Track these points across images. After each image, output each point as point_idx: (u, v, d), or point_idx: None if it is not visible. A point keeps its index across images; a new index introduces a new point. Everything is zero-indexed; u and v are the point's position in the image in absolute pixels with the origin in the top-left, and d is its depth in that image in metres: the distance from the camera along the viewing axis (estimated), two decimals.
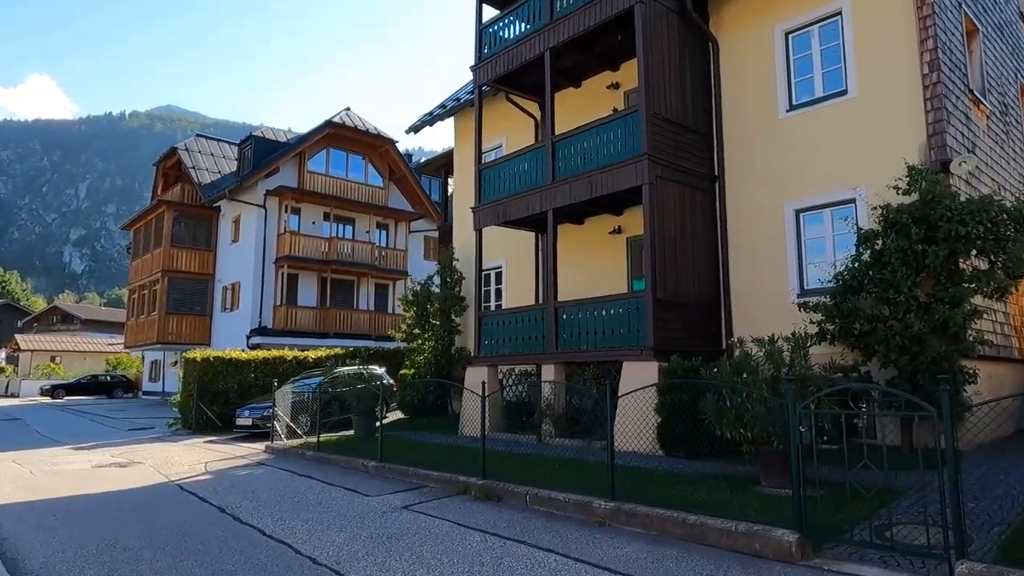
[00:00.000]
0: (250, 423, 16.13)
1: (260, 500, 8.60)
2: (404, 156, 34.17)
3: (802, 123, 11.39)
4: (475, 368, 13.81)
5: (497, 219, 13.88)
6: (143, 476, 10.75)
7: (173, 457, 12.99)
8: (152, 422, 21.08)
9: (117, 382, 39.98)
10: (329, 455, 11.96)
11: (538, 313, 12.80)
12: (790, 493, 7.28)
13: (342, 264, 29.79)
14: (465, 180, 18.33)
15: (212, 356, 18.24)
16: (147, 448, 14.61)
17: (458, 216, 18.48)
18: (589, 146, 12.07)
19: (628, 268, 13.86)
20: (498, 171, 13.98)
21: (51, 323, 76.62)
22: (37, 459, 13.02)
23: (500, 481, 8.58)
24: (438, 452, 11.34)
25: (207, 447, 14.68)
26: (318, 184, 30.35)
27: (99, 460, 12.71)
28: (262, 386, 18.74)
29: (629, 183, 11.27)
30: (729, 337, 11.84)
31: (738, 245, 11.95)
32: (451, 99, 18.58)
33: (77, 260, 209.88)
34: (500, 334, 13.49)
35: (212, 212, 32.28)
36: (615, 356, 11.26)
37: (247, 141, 31.30)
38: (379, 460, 10.74)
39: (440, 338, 17.11)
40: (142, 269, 33.31)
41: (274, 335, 27.88)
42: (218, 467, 11.67)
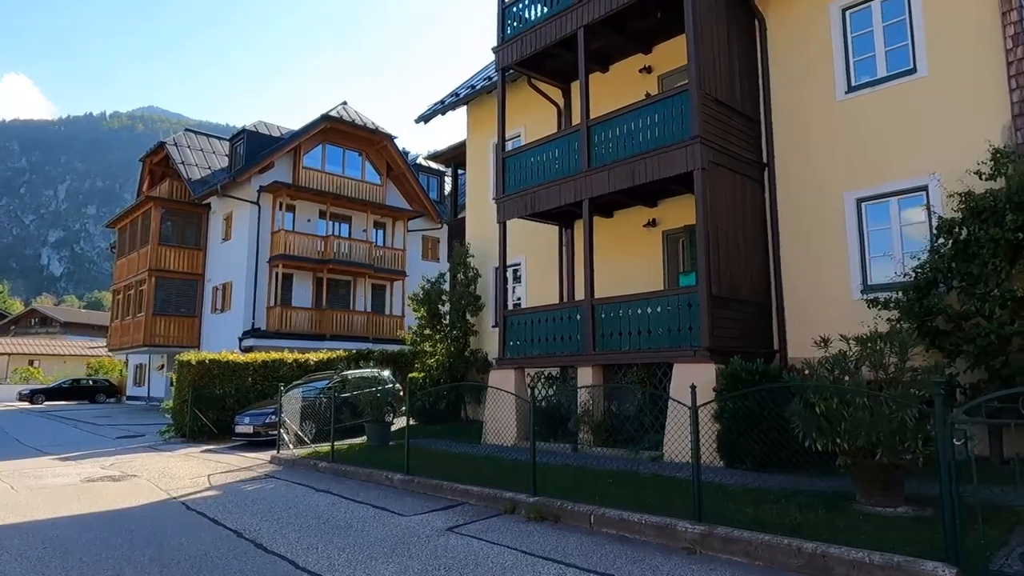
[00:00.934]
0: (251, 431, 14.98)
1: (281, 522, 7.52)
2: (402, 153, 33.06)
3: (863, 105, 10.51)
4: (500, 371, 12.79)
5: (524, 210, 12.88)
6: (141, 492, 9.60)
7: (171, 469, 11.84)
8: (142, 429, 19.81)
9: (100, 387, 38.40)
10: (346, 466, 10.88)
11: (572, 311, 11.81)
12: (898, 513, 6.41)
13: (339, 264, 28.62)
14: (479, 172, 17.35)
15: (208, 359, 17.06)
16: (140, 459, 13.42)
17: (471, 210, 17.47)
18: (631, 130, 11.11)
19: (664, 264, 12.91)
20: (525, 159, 12.98)
21: (29, 326, 74.48)
22: (18, 472, 11.81)
23: (554, 498, 7.57)
24: (468, 463, 10.30)
25: (206, 457, 13.52)
26: (314, 180, 29.19)
27: (89, 473, 11.53)
28: (261, 391, 17.62)
29: (678, 169, 10.32)
30: (782, 337, 10.94)
31: (791, 238, 11.04)
32: (465, 86, 17.58)
33: (56, 262, 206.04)
34: (528, 334, 12.48)
35: (202, 210, 30.98)
36: (663, 357, 10.30)
37: (239, 136, 30.05)
38: (406, 473, 9.68)
39: (454, 339, 16.08)
40: (127, 269, 31.90)
41: (268, 337, 26.66)
42: (223, 481, 10.54)
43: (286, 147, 28.65)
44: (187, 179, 30.26)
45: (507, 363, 12.73)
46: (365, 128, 30.21)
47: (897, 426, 6.28)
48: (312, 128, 29.26)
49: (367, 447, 13.07)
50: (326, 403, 14.52)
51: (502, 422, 12.05)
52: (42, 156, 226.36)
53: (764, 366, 9.12)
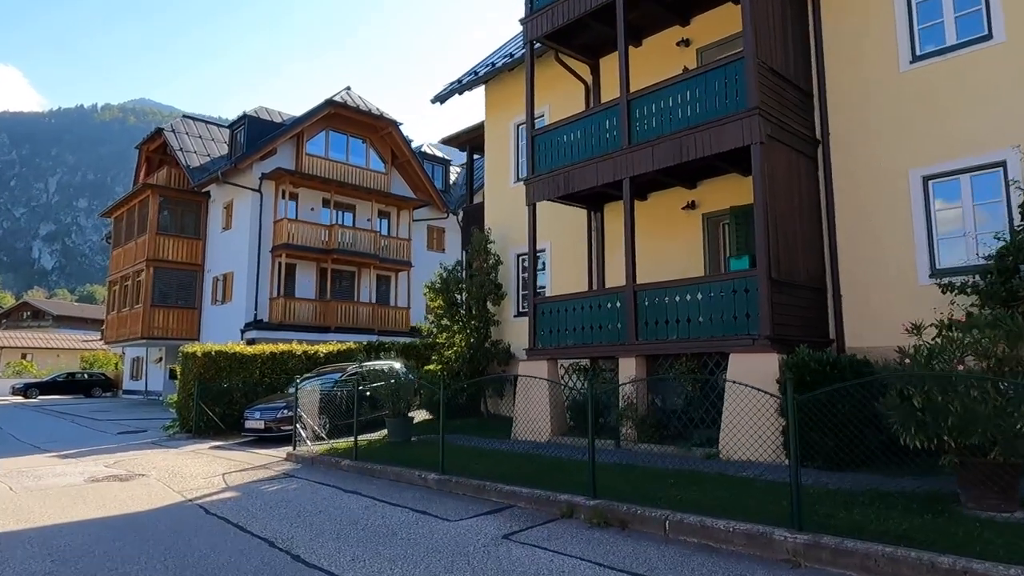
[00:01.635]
0: (262, 426, 14.18)
1: (314, 528, 6.74)
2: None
3: (930, 76, 9.75)
4: (531, 363, 12.03)
5: (557, 191, 12.09)
6: (152, 493, 8.81)
7: (180, 467, 11.03)
8: (143, 424, 18.97)
9: (96, 380, 37.48)
10: (372, 465, 10.09)
11: (611, 299, 11.05)
12: (1017, 519, 5.69)
13: (343, 254, 27.76)
14: (499, 154, 16.54)
15: (214, 350, 16.23)
16: (146, 456, 12.61)
17: (490, 194, 16.67)
18: (677, 103, 10.33)
19: (705, 248, 12.15)
20: (557, 137, 12.19)
21: (21, 319, 73.27)
22: (16, 470, 10.99)
23: (617, 501, 6.82)
24: (504, 461, 9.55)
25: (216, 454, 12.72)
26: (317, 167, 28.30)
27: (92, 472, 10.71)
28: (269, 384, 16.82)
29: (731, 143, 9.55)
30: (838, 326, 10.20)
31: (849, 220, 10.29)
32: (483, 64, 16.74)
33: (47, 256, 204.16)
34: (561, 323, 11.72)
35: (201, 198, 30.05)
36: (715, 347, 9.55)
37: (240, 122, 29.10)
38: (441, 472, 8.91)
39: (473, 330, 15.29)
40: (124, 259, 30.95)
41: (271, 329, 25.81)
42: (240, 480, 9.75)
43: (288, 133, 27.74)
44: (185, 166, 29.33)
45: (538, 354, 11.97)
46: (369, 113, 29.31)
47: (1022, 421, 5.55)
48: (315, 114, 28.34)
49: (388, 443, 12.30)
50: (343, 397, 13.77)
51: (534, 417, 11.32)
52: (32, 149, 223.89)
53: (834, 356, 8.38)
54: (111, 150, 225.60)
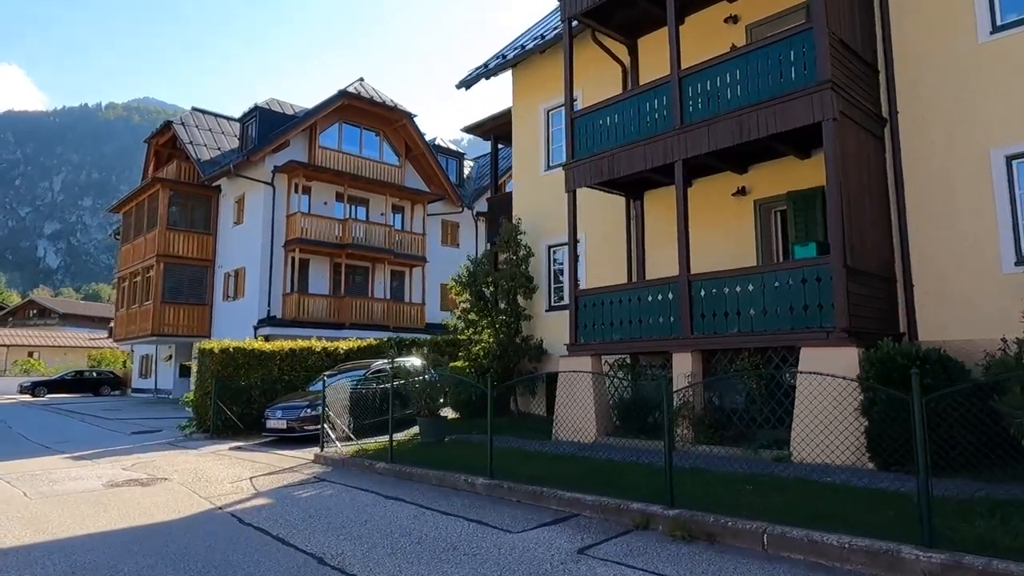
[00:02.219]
0: (284, 426, 13.51)
1: (364, 542, 6.06)
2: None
3: (1012, 48, 9.02)
4: (572, 359, 11.34)
5: (599, 176, 11.39)
6: (178, 500, 8.14)
7: (204, 471, 10.37)
8: (156, 423, 18.34)
9: (104, 379, 36.90)
10: (409, 468, 9.41)
11: (662, 290, 10.34)
12: None
13: (357, 248, 27.08)
14: (528, 141, 15.83)
15: (231, 347, 15.57)
16: (164, 458, 11.95)
17: (519, 182, 15.97)
18: (735, 79, 9.62)
19: (757, 237, 11.43)
20: (599, 119, 11.48)
21: (27, 317, 72.88)
22: (29, 474, 10.34)
23: (700, 511, 6.12)
24: (554, 464, 8.89)
25: (238, 456, 12.06)
26: (331, 160, 27.62)
27: (111, 475, 10.06)
28: (288, 381, 16.17)
29: (799, 121, 8.84)
30: (910, 318, 9.48)
31: (920, 204, 9.56)
32: (512, 47, 16.03)
33: (52, 255, 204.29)
34: (606, 317, 11.03)
35: (211, 192, 29.41)
36: (783, 341, 8.84)
37: (251, 114, 28.44)
38: (489, 477, 8.23)
39: (504, 325, 14.60)
40: (133, 254, 30.34)
41: (285, 326, 25.15)
42: (270, 485, 9.08)
43: (301, 125, 27.05)
44: (196, 159, 28.68)
45: (581, 349, 11.28)
46: (383, 105, 28.62)
47: None
48: (328, 105, 27.65)
49: (420, 443, 11.63)
50: (371, 395, 13.12)
51: (577, 416, 10.63)
52: (37, 148, 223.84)
53: (921, 350, 7.66)
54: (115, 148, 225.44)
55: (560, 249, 14.85)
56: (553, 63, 15.03)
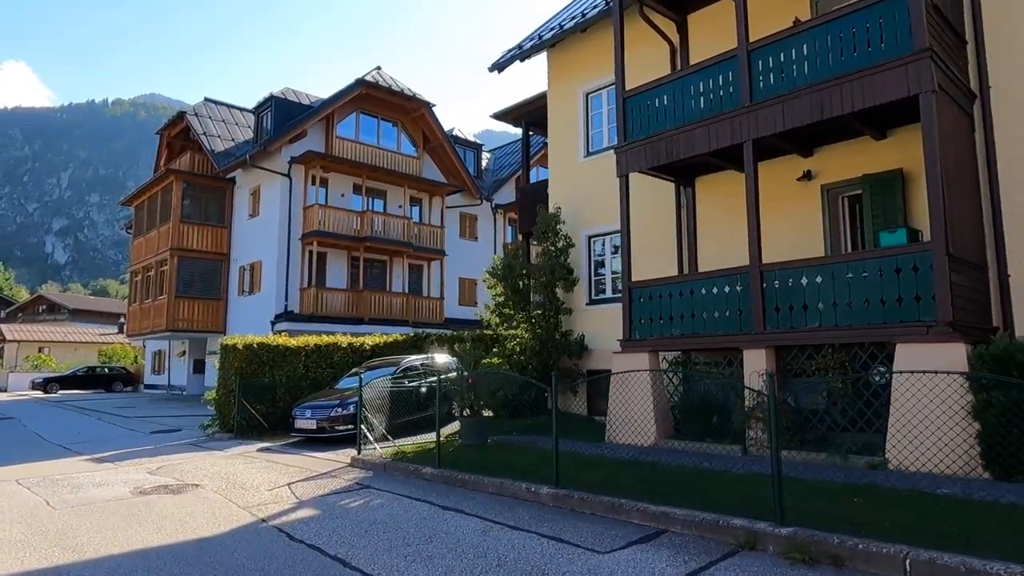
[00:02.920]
0: (313, 426, 12.82)
1: (438, 565, 5.34)
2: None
3: None
4: (627, 355, 10.59)
5: (657, 159, 10.62)
6: (215, 511, 7.44)
7: (235, 476, 9.67)
8: (175, 422, 17.68)
9: (116, 375, 36.34)
10: (459, 474, 8.69)
11: (729, 281, 9.59)
12: None
13: (376, 241, 26.35)
14: (565, 126, 15.06)
15: (255, 342, 14.87)
16: (190, 460, 11.27)
17: (556, 169, 15.19)
18: (814, 51, 8.83)
19: (825, 225, 10.64)
20: (655, 98, 10.71)
21: (37, 313, 72.61)
22: (50, 478, 9.67)
23: (820, 531, 5.39)
24: (620, 471, 8.18)
25: (268, 459, 11.37)
26: (348, 151, 26.90)
27: (137, 480, 9.37)
28: (314, 379, 15.48)
29: (891, 94, 8.05)
30: (1006, 311, 8.70)
31: (1014, 184, 8.76)
32: (549, 28, 15.23)
33: (60, 251, 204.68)
34: (664, 310, 10.28)
35: (225, 184, 28.73)
36: (874, 336, 8.08)
37: (266, 104, 27.72)
38: (556, 485, 7.50)
39: (544, 319, 13.86)
40: (146, 248, 29.71)
41: (302, 321, 24.46)
42: (311, 493, 8.37)
43: (318, 115, 26.31)
44: (210, 150, 27.99)
45: (636, 345, 10.53)
46: (401, 94, 27.85)
47: None
48: (346, 94, 26.92)
49: (462, 446, 10.90)
50: (408, 393, 12.43)
51: (634, 418, 9.89)
52: (44, 144, 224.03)
53: None
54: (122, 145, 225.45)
55: (601, 239, 14.10)
56: (593, 43, 14.27)
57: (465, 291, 31.47)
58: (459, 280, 31.09)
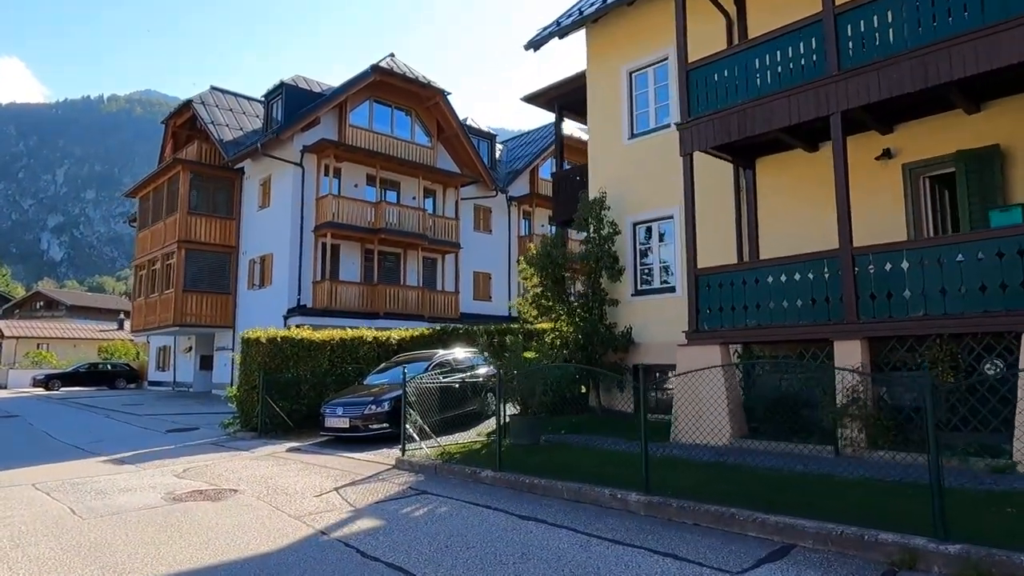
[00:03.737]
0: (346, 424, 11.99)
1: None
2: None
3: None
4: (692, 348, 9.79)
5: (727, 135, 9.81)
6: (263, 521, 6.61)
7: (273, 479, 8.85)
8: (189, 419, 16.84)
9: (119, 371, 35.41)
10: (523, 477, 7.87)
11: (813, 266, 8.79)
12: None
13: (391, 234, 25.47)
14: (607, 107, 14.24)
15: (279, 336, 14.04)
16: (217, 462, 10.43)
17: (597, 152, 14.37)
18: (914, 11, 8.02)
19: (908, 207, 9.85)
20: (723, 69, 9.89)
21: (34, 309, 71.49)
22: (70, 482, 8.83)
23: (987, 547, 4.60)
24: (706, 473, 7.42)
25: (302, 460, 10.54)
26: (362, 140, 26.01)
27: (166, 484, 8.53)
28: (339, 375, 14.65)
29: (1016, 56, 7.24)
30: None
31: None
32: (589, 1, 14.37)
33: (55, 247, 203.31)
34: (736, 299, 9.48)
35: (234, 175, 27.83)
36: (993, 326, 7.29)
37: (276, 91, 26.80)
38: (646, 491, 6.69)
39: (587, 311, 13.05)
40: (152, 241, 28.80)
41: (316, 315, 23.59)
42: (364, 500, 7.55)
43: (331, 102, 25.42)
44: (218, 139, 27.06)
45: (704, 337, 9.72)
46: (416, 82, 26.96)
47: None
48: (359, 81, 26.02)
49: (513, 446, 10.07)
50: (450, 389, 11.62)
51: (705, 415, 9.09)
52: (39, 140, 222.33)
53: None
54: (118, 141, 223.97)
55: (647, 226, 13.29)
56: (638, 17, 13.46)
57: (480, 285, 30.65)
58: (473, 274, 30.26)
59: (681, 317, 12.28)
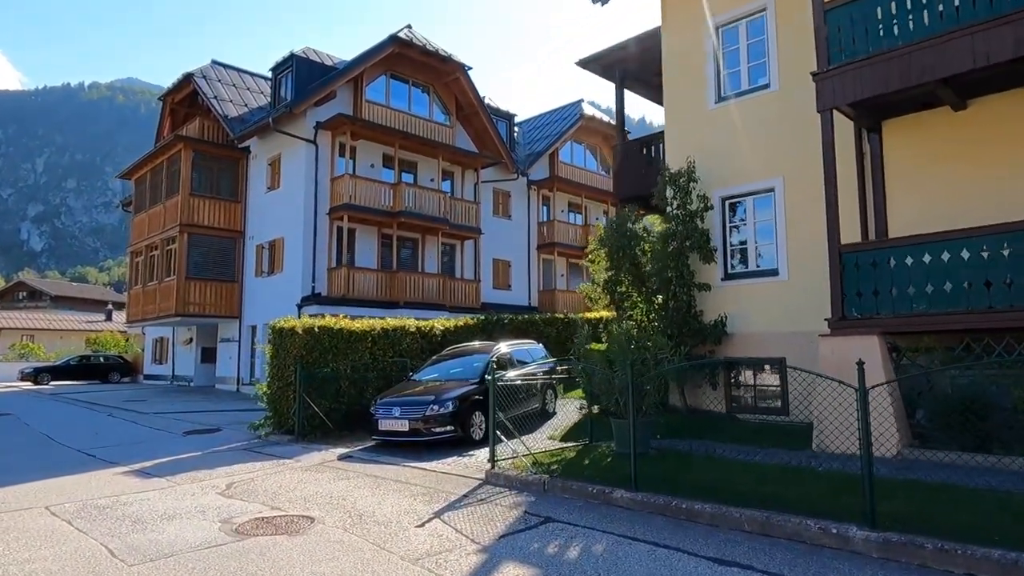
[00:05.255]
0: (404, 428, 10.34)
1: None
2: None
3: None
4: (839, 339, 8.24)
5: (881, 85, 8.22)
6: (369, 566, 4.97)
7: (348, 500, 7.19)
8: (205, 419, 15.09)
9: (113, 364, 33.40)
10: (681, 502, 6.28)
11: (1006, 241, 7.24)
12: None
13: (410, 217, 23.71)
14: (688, 68, 12.63)
15: (316, 326, 12.32)
16: (264, 474, 8.75)
17: (675, 121, 12.75)
18: None
19: None
20: (877, 6, 8.28)
21: (16, 300, 68.96)
22: (93, 504, 7.12)
23: None
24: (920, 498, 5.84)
25: (364, 472, 8.88)
26: (379, 117, 24.20)
27: (217, 508, 6.85)
28: (380, 369, 12.98)
29: None
30: None
31: None
32: None
33: (36, 237, 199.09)
34: (898, 279, 7.95)
35: (239, 154, 25.93)
36: None
37: (285, 64, 24.81)
38: (872, 526, 5.13)
39: (671, 297, 11.47)
40: (150, 225, 26.84)
41: (332, 304, 21.79)
42: (481, 532, 5.92)
43: (347, 75, 23.55)
44: (222, 115, 25.15)
45: (856, 326, 8.17)
46: (436, 55, 25.16)
47: None
48: (376, 53, 24.15)
49: (620, 456, 8.50)
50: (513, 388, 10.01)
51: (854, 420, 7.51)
52: (19, 128, 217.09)
53: None
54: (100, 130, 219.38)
55: (741, 201, 11.71)
56: None
57: (499, 273, 28.97)
58: (493, 262, 28.57)
59: (785, 304, 10.82)
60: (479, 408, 10.79)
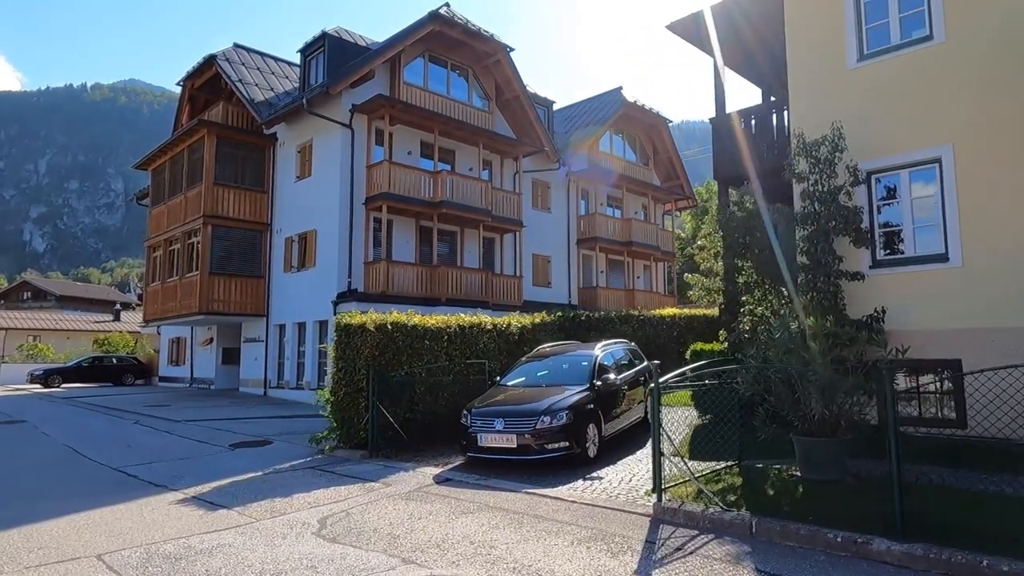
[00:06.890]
0: (512, 444, 8.56)
1: None
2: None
3: None
4: None
5: None
6: None
7: (493, 547, 5.45)
8: (244, 426, 13.33)
9: (126, 366, 31.64)
10: (982, 558, 4.52)
11: None
12: None
13: (452, 208, 21.92)
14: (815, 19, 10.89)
15: (389, 322, 10.57)
16: (361, 504, 6.98)
17: (801, 83, 10.98)
18: None
19: None
20: None
21: (21, 300, 67.27)
22: (160, 551, 5.37)
23: None
24: None
25: (482, 501, 7.11)
26: (418, 100, 22.45)
27: (335, 562, 5.08)
28: (457, 372, 11.23)
29: None
30: None
31: None
32: None
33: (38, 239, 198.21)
34: None
35: (265, 141, 24.19)
36: None
37: (317, 44, 23.02)
38: None
39: (811, 287, 9.70)
40: (170, 218, 25.09)
41: (370, 301, 19.93)
42: None
43: (385, 54, 21.79)
44: (248, 99, 23.37)
45: None
46: (478, 35, 23.36)
47: None
48: (415, 31, 22.35)
49: (810, 482, 6.74)
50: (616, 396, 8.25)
51: None
52: (21, 129, 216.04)
53: None
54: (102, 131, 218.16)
55: (894, 174, 9.93)
56: None
57: (539, 269, 27.17)
58: (533, 257, 26.79)
59: (958, 295, 9.08)
60: (592, 419, 9.05)
